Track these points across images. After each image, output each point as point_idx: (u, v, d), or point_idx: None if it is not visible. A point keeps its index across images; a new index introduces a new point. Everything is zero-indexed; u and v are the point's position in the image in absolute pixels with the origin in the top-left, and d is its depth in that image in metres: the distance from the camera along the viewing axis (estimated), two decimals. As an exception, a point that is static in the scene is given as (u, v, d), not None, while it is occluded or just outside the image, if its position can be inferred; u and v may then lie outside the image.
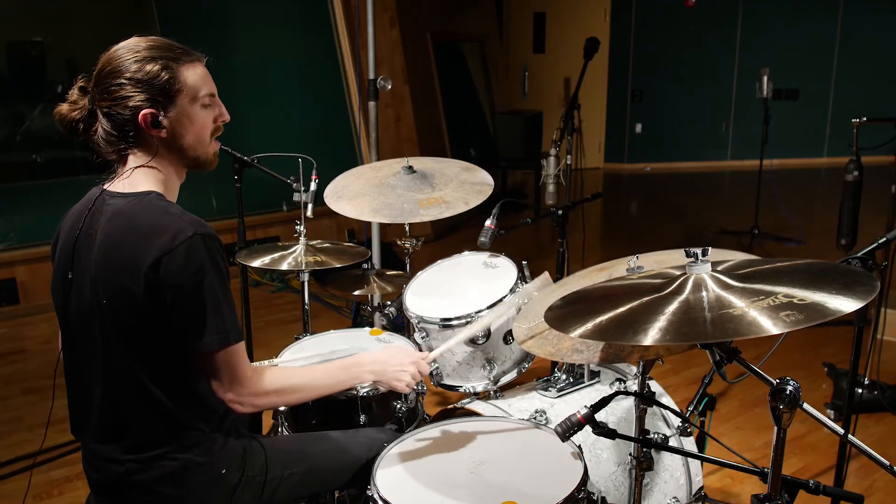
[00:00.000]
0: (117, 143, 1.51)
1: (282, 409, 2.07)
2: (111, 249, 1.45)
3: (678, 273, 1.33)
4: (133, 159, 1.53)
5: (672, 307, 1.23)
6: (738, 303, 1.19)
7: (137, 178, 1.52)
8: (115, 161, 1.54)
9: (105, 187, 1.54)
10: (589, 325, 1.27)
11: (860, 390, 3.15)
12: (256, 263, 2.46)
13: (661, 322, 1.20)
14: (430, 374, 2.20)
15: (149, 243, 1.41)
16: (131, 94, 1.46)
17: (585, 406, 1.50)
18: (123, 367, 1.47)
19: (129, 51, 1.48)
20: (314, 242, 2.54)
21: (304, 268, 2.41)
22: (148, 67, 1.46)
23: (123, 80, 1.45)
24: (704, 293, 1.25)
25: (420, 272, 2.38)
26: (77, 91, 1.52)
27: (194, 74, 1.51)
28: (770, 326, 1.11)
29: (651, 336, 1.17)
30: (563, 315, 1.37)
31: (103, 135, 1.50)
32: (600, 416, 1.55)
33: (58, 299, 1.56)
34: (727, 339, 1.24)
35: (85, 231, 1.50)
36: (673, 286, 1.29)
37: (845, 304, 1.13)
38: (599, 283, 1.52)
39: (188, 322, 1.42)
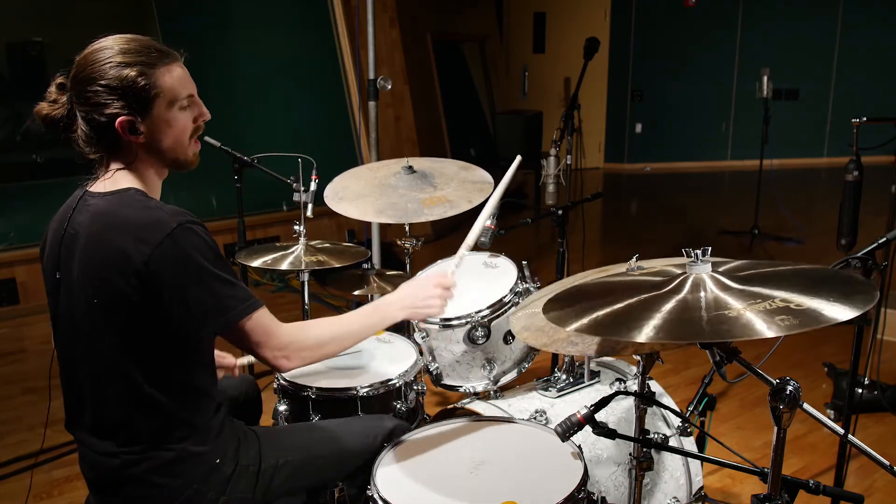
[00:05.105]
0: (97, 145, 1.50)
1: (281, 407, 2.07)
2: (96, 250, 1.43)
3: (678, 272, 1.33)
4: (113, 161, 1.52)
5: (669, 305, 1.23)
6: (735, 304, 1.19)
7: (118, 178, 1.51)
8: (97, 161, 1.53)
9: (87, 188, 1.53)
10: (585, 320, 1.27)
11: (860, 390, 3.14)
12: (256, 263, 2.46)
13: (656, 320, 1.20)
14: (430, 373, 2.21)
15: (135, 240, 1.40)
16: (108, 100, 1.43)
17: (585, 406, 1.50)
18: (114, 365, 1.46)
19: (105, 54, 1.44)
20: (314, 242, 2.54)
21: (304, 268, 2.41)
22: (124, 73, 1.43)
23: (99, 87, 1.43)
24: (703, 293, 1.25)
25: (420, 272, 2.38)
26: (55, 89, 1.50)
27: (171, 77, 1.49)
28: (764, 330, 1.11)
29: (645, 333, 1.17)
30: (560, 309, 1.37)
31: (83, 136, 1.49)
32: (600, 416, 1.55)
33: (49, 299, 1.56)
34: (722, 341, 1.25)
35: (69, 232, 1.49)
36: (672, 285, 1.30)
37: (841, 313, 1.13)
38: (598, 279, 1.52)
39: (205, 306, 1.42)
